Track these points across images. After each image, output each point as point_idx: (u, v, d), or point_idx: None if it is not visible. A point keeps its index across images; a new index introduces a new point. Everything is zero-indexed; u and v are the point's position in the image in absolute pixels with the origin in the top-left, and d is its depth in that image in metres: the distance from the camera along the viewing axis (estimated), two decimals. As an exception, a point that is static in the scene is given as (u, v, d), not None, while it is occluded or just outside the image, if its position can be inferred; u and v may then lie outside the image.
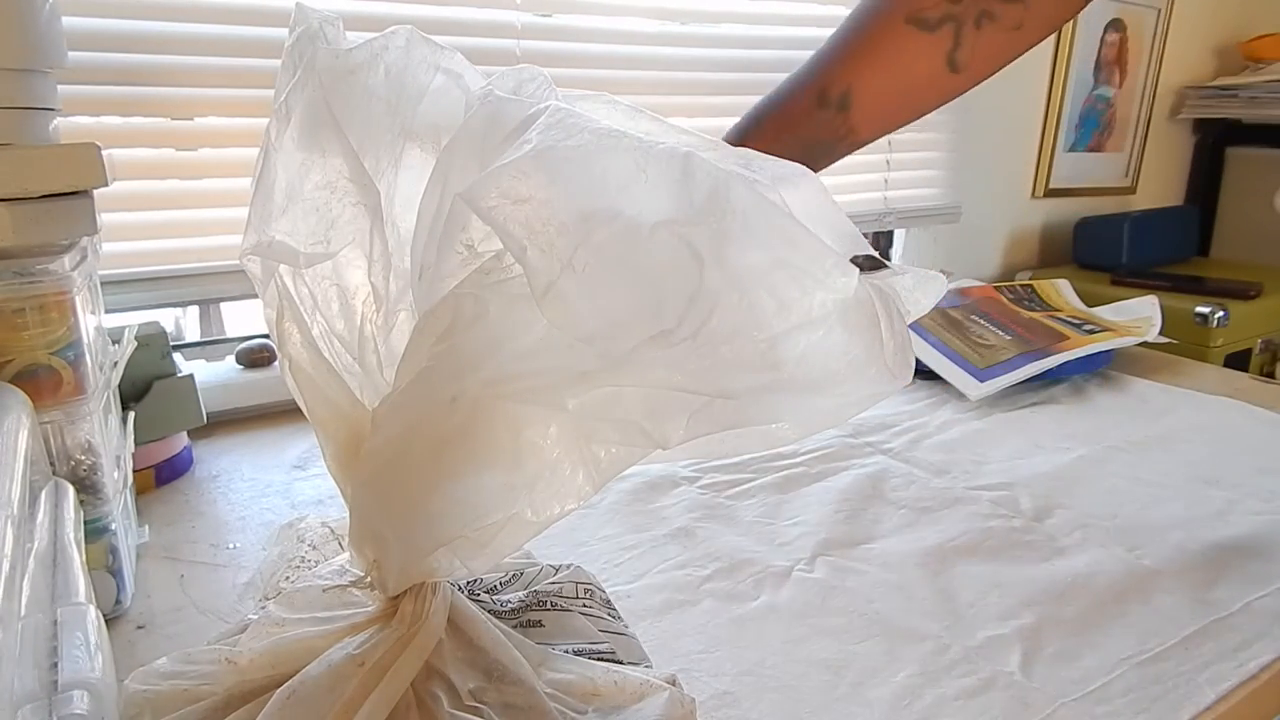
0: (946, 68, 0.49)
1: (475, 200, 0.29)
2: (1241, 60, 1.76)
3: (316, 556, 0.45)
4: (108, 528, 0.49)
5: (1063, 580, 0.56)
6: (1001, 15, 0.48)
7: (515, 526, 0.34)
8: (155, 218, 0.81)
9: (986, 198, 1.49)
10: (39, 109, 0.47)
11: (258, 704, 0.34)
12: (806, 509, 0.66)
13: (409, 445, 0.33)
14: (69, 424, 0.46)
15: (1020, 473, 0.73)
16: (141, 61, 0.76)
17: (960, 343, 1.00)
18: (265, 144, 0.37)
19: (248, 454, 0.76)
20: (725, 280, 0.29)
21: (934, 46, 0.48)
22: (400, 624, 0.35)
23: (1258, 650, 0.48)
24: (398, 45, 0.36)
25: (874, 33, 0.50)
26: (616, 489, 0.67)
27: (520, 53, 0.95)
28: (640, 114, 0.36)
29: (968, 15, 0.48)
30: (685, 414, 0.31)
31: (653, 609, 0.52)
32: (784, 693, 0.45)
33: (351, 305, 0.37)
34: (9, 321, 0.44)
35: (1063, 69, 1.52)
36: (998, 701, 0.44)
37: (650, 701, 0.37)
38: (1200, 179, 1.86)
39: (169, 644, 0.48)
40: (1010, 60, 0.51)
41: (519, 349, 0.31)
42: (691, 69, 1.09)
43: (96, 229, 0.47)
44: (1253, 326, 1.34)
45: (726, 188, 0.30)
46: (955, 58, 0.49)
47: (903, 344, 0.33)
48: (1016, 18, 0.48)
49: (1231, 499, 0.68)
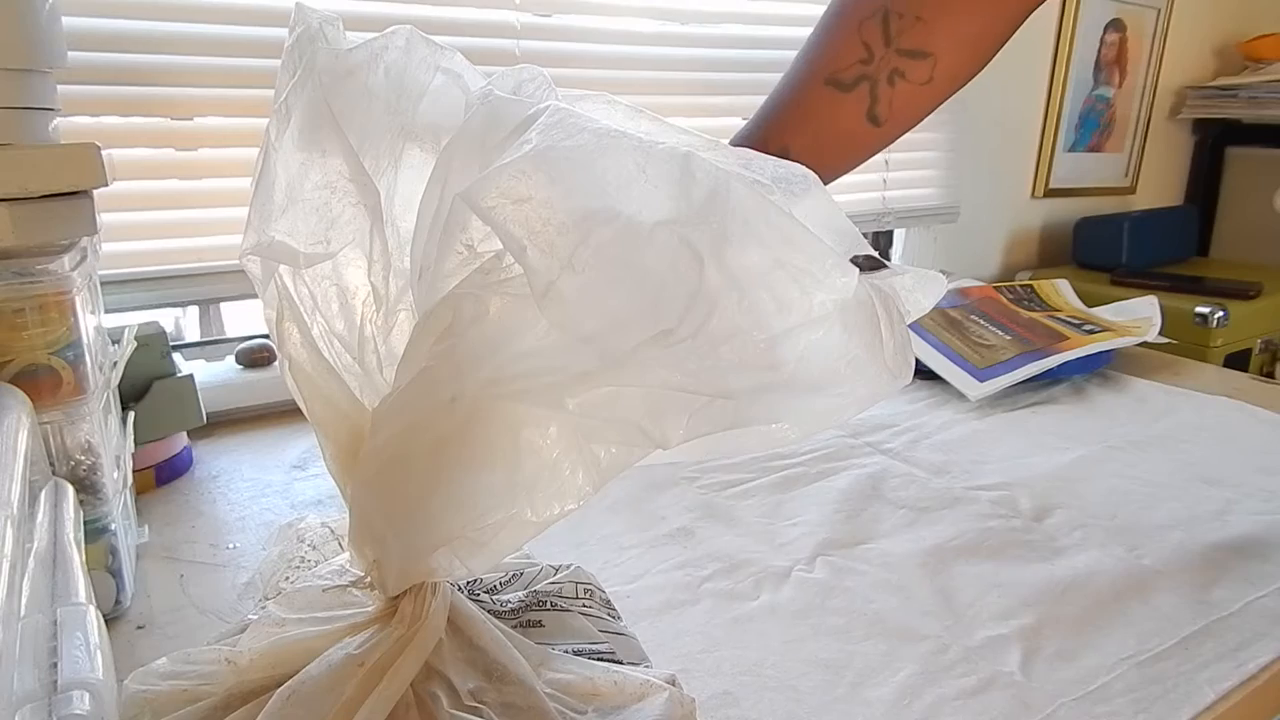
0: (868, 122, 0.53)
1: (475, 200, 0.29)
2: (1241, 60, 1.76)
3: (316, 556, 0.45)
4: (107, 528, 0.49)
5: (1062, 580, 0.56)
6: (911, 72, 0.51)
7: (515, 526, 0.34)
8: (155, 218, 0.81)
9: (986, 198, 1.49)
10: (39, 109, 0.47)
11: (257, 704, 0.34)
12: (806, 509, 0.66)
13: (409, 445, 0.33)
14: (69, 424, 0.46)
15: (1020, 473, 0.73)
16: (141, 61, 0.76)
17: (960, 343, 1.00)
18: (265, 144, 0.37)
19: (247, 454, 0.76)
20: (725, 280, 0.29)
21: (853, 104, 0.52)
22: (400, 624, 0.35)
23: (1257, 650, 0.48)
24: (398, 45, 0.36)
25: (799, 95, 0.54)
26: (616, 489, 0.67)
27: (520, 53, 0.95)
28: (640, 114, 0.36)
29: (880, 74, 0.52)
30: (685, 414, 0.31)
31: (652, 609, 0.52)
32: (784, 692, 0.45)
33: (351, 305, 0.37)
34: (9, 321, 0.44)
35: (1063, 69, 1.52)
36: (997, 701, 0.44)
37: (650, 701, 0.37)
38: (1200, 179, 1.86)
39: (169, 644, 0.48)
40: (929, 110, 0.55)
41: (519, 349, 0.31)
42: (691, 69, 1.09)
43: (96, 229, 0.47)
44: (1252, 326, 1.34)
45: (726, 188, 0.30)
46: (875, 113, 0.52)
47: (903, 344, 0.33)
48: (925, 74, 0.51)
49: (1231, 499, 0.68)
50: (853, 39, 0.52)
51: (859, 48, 0.51)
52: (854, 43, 0.52)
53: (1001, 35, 0.53)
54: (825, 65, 0.53)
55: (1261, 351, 1.38)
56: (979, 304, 1.11)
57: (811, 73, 0.53)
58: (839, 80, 0.52)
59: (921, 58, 0.51)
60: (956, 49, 0.52)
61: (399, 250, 0.37)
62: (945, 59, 0.52)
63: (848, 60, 0.52)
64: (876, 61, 0.51)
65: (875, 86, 0.52)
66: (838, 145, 0.54)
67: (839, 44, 0.52)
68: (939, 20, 0.51)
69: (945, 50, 0.51)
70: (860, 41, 0.51)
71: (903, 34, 0.51)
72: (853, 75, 0.52)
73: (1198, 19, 1.74)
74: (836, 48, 0.53)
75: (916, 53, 0.51)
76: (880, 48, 0.51)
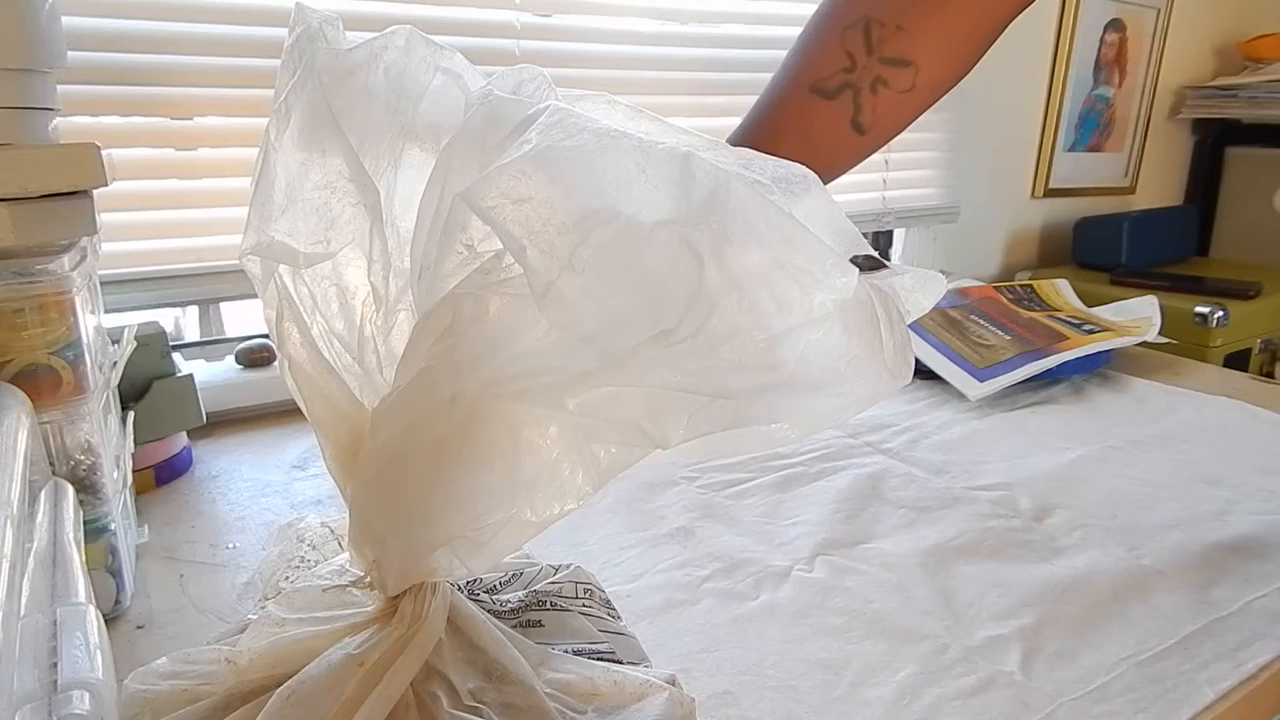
0: (852, 130, 0.53)
1: (475, 200, 0.29)
2: (1241, 60, 1.76)
3: (316, 556, 0.45)
4: (107, 528, 0.49)
5: (1062, 580, 0.56)
6: (893, 80, 0.52)
7: (515, 526, 0.34)
8: (155, 218, 0.81)
9: (986, 198, 1.49)
10: (39, 109, 0.47)
11: (257, 704, 0.34)
12: (806, 509, 0.66)
13: (409, 445, 0.33)
14: (69, 424, 0.46)
15: (1019, 473, 0.73)
16: (141, 61, 0.76)
17: (960, 343, 1.00)
18: (265, 144, 0.37)
19: (247, 454, 0.76)
20: (725, 280, 0.29)
21: (837, 112, 0.53)
22: (400, 624, 0.35)
23: (1257, 650, 0.48)
24: (397, 45, 0.36)
25: (783, 104, 0.55)
26: (616, 489, 0.67)
27: (520, 53, 0.95)
28: (640, 114, 0.36)
29: (863, 82, 0.52)
30: (685, 414, 0.31)
31: (652, 608, 0.52)
32: (783, 692, 0.45)
33: (351, 305, 0.37)
34: (9, 321, 0.44)
35: (1062, 69, 1.52)
36: (997, 701, 0.44)
37: (650, 701, 0.37)
38: (1199, 179, 1.86)
39: (169, 644, 0.48)
40: (913, 118, 0.55)
41: (519, 349, 0.31)
42: (691, 69, 1.09)
43: (96, 229, 0.47)
44: (1252, 326, 1.34)
45: (726, 188, 0.30)
46: (859, 121, 0.53)
47: (902, 344, 0.33)
48: (908, 81, 0.52)
49: (1231, 499, 0.68)
50: (835, 47, 0.52)
51: (842, 56, 0.52)
52: (837, 51, 0.52)
53: (982, 44, 0.53)
54: (810, 73, 0.53)
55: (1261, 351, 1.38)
56: (979, 304, 1.11)
57: (796, 81, 0.54)
58: (823, 88, 0.52)
59: (903, 66, 0.51)
60: (938, 57, 0.52)
61: (399, 250, 0.37)
62: (927, 67, 0.52)
63: (831, 69, 0.52)
64: (859, 70, 0.52)
65: (859, 94, 0.52)
66: (823, 153, 0.55)
67: (822, 52, 0.53)
68: (920, 29, 0.51)
69: (927, 58, 0.52)
70: (843, 50, 0.52)
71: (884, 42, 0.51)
72: (836, 83, 0.52)
73: (1198, 19, 1.74)
74: (820, 56, 0.53)
75: (898, 61, 0.51)
76: (863, 56, 0.52)
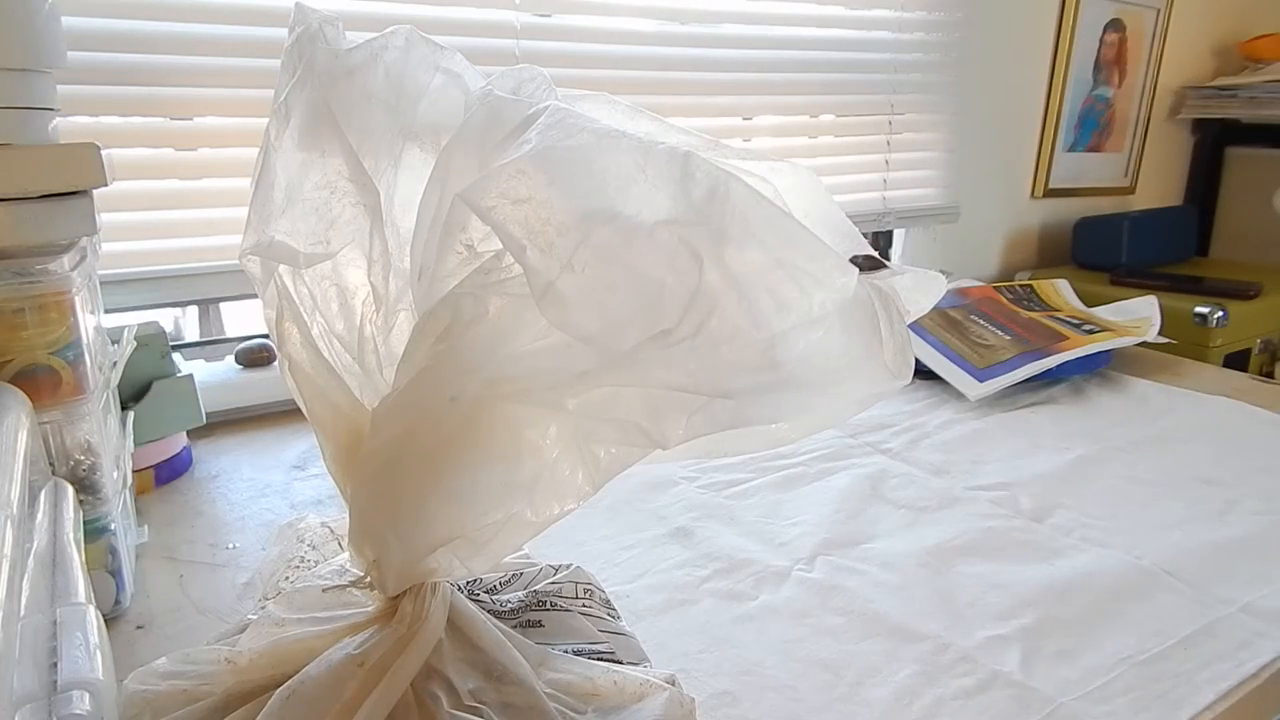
0: None
1: (475, 200, 0.29)
2: (1241, 60, 1.76)
3: (316, 556, 0.45)
4: (107, 528, 0.49)
5: (1062, 580, 0.56)
6: None
7: (515, 526, 0.34)
8: (155, 218, 0.81)
9: (986, 198, 1.49)
10: (38, 109, 0.47)
11: (257, 704, 0.34)
12: (806, 509, 0.66)
13: (409, 445, 0.33)
14: (68, 424, 0.46)
15: (1019, 473, 0.73)
16: (141, 61, 0.76)
17: (960, 343, 1.00)
18: (265, 144, 0.37)
19: (247, 454, 0.76)
20: (725, 280, 0.29)
21: None
22: (400, 624, 0.35)
23: (1257, 650, 0.48)
24: (397, 45, 0.36)
25: None
26: (616, 489, 0.67)
27: (520, 53, 0.95)
28: (640, 114, 0.36)
29: None
30: (685, 414, 0.31)
31: (652, 608, 0.52)
32: (784, 692, 0.45)
33: (351, 305, 0.37)
34: (9, 321, 0.44)
35: (1062, 69, 1.52)
36: (997, 701, 0.44)
37: (650, 701, 0.37)
38: (1199, 179, 1.86)
39: (168, 644, 0.48)
40: None
41: (519, 349, 0.31)
42: (691, 69, 1.09)
43: (96, 229, 0.47)
44: (1252, 326, 1.34)
45: (726, 188, 0.30)
46: None
47: (902, 344, 0.33)
48: None
49: (1231, 499, 0.68)
50: None
51: None
52: None
53: None
54: None
55: (1261, 351, 1.38)
56: (979, 304, 1.11)
57: None
58: None
59: None
60: None
61: (399, 250, 0.37)
62: None
63: None
64: None
65: None
66: None
67: None
68: None
69: None
70: None
71: None
72: None
73: (1197, 19, 1.74)
74: None
75: None
76: None
